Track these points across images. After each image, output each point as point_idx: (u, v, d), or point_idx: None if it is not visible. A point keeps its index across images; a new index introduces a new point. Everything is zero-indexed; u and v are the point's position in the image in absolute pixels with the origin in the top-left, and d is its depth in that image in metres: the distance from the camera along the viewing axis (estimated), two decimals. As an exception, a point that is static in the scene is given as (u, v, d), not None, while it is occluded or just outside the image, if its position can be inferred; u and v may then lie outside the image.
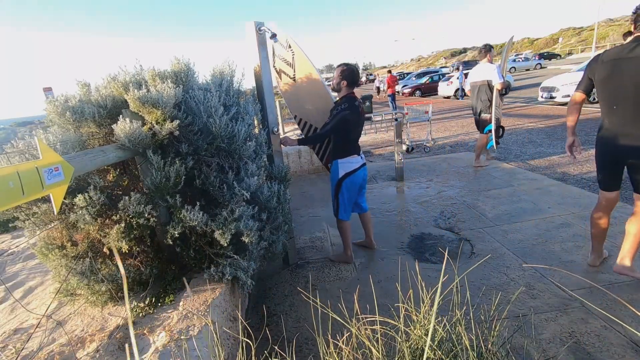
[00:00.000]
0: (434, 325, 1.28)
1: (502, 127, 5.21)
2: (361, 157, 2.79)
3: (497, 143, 5.16)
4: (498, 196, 4.05)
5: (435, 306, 1.02)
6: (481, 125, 5.21)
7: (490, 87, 4.95)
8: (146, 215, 1.78)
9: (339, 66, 2.72)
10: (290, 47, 2.85)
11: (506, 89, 4.97)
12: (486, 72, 4.97)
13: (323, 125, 2.72)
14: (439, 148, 7.20)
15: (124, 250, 1.82)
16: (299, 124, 3.17)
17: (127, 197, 1.74)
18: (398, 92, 21.54)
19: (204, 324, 1.58)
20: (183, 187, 1.89)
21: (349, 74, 2.65)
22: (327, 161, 3.19)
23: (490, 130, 5.08)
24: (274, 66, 2.93)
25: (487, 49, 5.10)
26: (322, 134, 2.70)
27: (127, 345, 1.44)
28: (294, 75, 2.93)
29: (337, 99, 2.77)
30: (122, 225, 1.75)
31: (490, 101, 4.97)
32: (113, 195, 1.89)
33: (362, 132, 2.93)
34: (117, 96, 1.95)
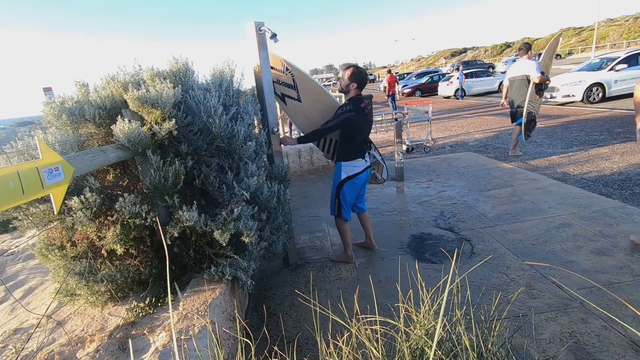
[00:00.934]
0: (434, 325, 1.29)
1: (535, 121, 5.45)
2: (365, 160, 2.77)
3: (528, 136, 5.45)
4: (498, 196, 4.05)
5: (443, 307, 1.02)
6: (516, 117, 5.52)
7: (528, 81, 5.22)
8: (143, 215, 1.78)
9: (347, 68, 2.68)
10: (287, 69, 2.83)
11: (544, 83, 5.19)
12: (525, 67, 5.26)
13: (325, 123, 2.71)
14: (439, 148, 7.20)
15: (118, 253, 1.82)
16: (317, 145, 3.17)
17: (125, 197, 1.74)
18: (398, 92, 21.55)
19: (203, 324, 1.58)
20: (183, 187, 1.89)
21: (359, 76, 2.63)
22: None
23: (521, 123, 5.35)
24: (275, 93, 2.90)
25: (527, 47, 5.42)
26: (321, 130, 2.66)
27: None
28: (298, 95, 2.92)
29: (345, 100, 2.74)
30: (119, 226, 1.75)
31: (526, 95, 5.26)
32: (113, 196, 1.89)
33: None
34: (116, 96, 1.94)
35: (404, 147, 6.73)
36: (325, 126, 2.65)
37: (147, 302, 1.86)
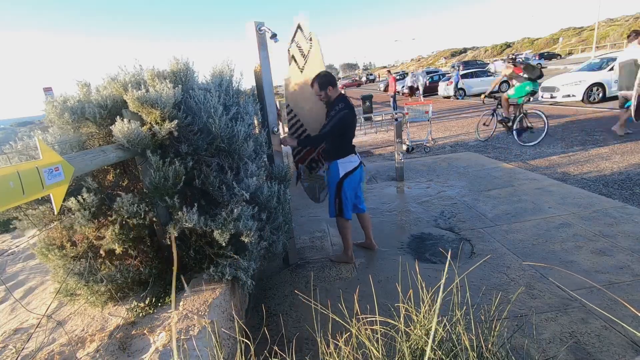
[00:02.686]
0: (435, 325, 1.28)
1: None
2: (358, 156, 2.81)
3: (638, 118, 5.66)
4: (498, 196, 4.05)
5: (438, 305, 1.02)
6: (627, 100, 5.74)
7: (636, 65, 5.45)
8: (142, 215, 1.78)
9: (312, 85, 2.69)
10: (311, 40, 2.82)
11: None
12: (634, 52, 5.54)
13: (322, 127, 2.71)
14: (439, 148, 7.20)
15: (117, 252, 1.82)
16: (288, 114, 3.11)
17: (122, 197, 1.74)
18: (398, 92, 21.57)
19: (203, 324, 1.58)
20: (183, 187, 1.89)
21: (325, 78, 2.64)
22: (299, 160, 3.18)
23: (629, 106, 5.58)
24: (288, 49, 2.92)
25: (636, 33, 5.69)
26: (322, 135, 2.68)
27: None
28: (303, 66, 2.91)
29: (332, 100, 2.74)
30: (117, 226, 1.75)
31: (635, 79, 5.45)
32: (113, 196, 1.89)
33: (363, 132, 2.92)
34: (116, 96, 1.95)
35: (404, 147, 6.73)
36: (324, 130, 2.66)
37: (147, 302, 1.86)
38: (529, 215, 3.45)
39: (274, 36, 2.57)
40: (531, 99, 6.74)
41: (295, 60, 2.95)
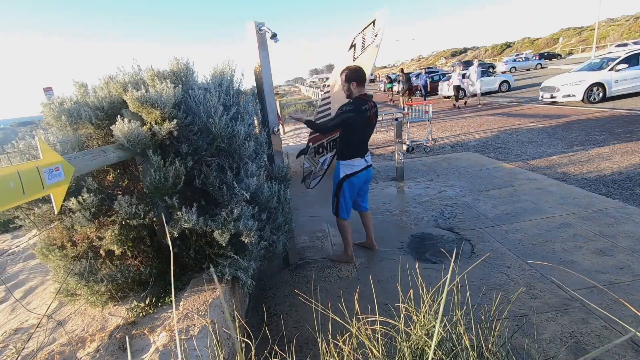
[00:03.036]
0: (434, 325, 1.28)
1: None
2: (365, 160, 2.77)
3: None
4: (498, 196, 4.05)
5: (442, 306, 1.02)
6: None
7: None
8: (141, 215, 1.78)
9: (341, 73, 2.64)
10: (376, 36, 2.82)
11: None
12: None
13: (328, 120, 2.79)
14: (439, 148, 7.20)
15: (116, 253, 1.82)
16: (325, 94, 3.26)
17: (119, 199, 1.74)
18: (398, 92, 21.59)
19: (203, 324, 1.58)
20: (183, 187, 1.89)
21: (355, 74, 2.58)
22: (313, 140, 3.28)
23: None
24: (354, 37, 2.99)
25: None
26: (323, 127, 2.78)
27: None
28: (358, 56, 2.95)
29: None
30: (117, 227, 1.75)
31: None
32: (113, 196, 1.89)
33: None
34: (115, 97, 1.94)
35: (404, 147, 6.73)
36: (327, 124, 2.72)
37: (147, 302, 1.86)
38: (529, 215, 3.45)
39: (274, 36, 2.56)
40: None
41: (355, 49, 3.00)
